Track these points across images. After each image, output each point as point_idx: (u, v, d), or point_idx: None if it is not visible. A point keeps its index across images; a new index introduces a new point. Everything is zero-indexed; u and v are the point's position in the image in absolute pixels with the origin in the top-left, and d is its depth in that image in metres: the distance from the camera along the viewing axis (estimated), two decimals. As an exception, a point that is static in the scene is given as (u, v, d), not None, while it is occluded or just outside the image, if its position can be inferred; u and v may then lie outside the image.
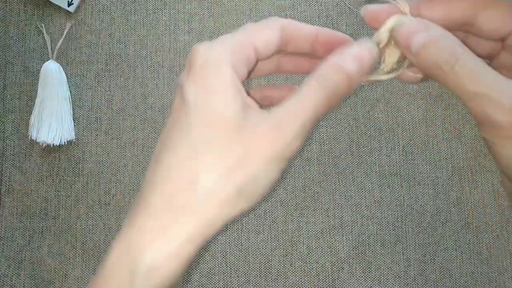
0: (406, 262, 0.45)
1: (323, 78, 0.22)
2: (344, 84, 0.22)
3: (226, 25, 0.47)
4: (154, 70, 0.46)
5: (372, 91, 0.47)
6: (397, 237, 0.45)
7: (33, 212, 0.44)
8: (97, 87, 0.46)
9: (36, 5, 0.47)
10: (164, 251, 0.20)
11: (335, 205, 0.45)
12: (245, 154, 0.20)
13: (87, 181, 0.45)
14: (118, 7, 0.47)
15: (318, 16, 0.48)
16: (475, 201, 0.46)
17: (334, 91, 0.22)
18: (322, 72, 0.22)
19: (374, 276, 0.44)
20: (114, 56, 0.46)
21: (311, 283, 0.44)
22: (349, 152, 0.46)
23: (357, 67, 0.22)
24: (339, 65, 0.22)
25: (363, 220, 0.45)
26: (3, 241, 0.44)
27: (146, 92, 0.46)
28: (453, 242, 0.45)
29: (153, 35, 0.47)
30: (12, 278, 0.43)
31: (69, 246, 0.44)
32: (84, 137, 0.45)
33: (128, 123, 0.46)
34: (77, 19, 0.47)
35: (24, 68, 0.46)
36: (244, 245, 0.44)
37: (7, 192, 0.44)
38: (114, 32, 0.47)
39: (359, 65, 0.22)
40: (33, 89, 0.45)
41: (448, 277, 0.45)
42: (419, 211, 0.45)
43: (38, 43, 0.46)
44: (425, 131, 0.46)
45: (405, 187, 0.46)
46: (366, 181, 0.46)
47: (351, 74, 0.21)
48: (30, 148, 0.45)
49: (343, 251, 0.45)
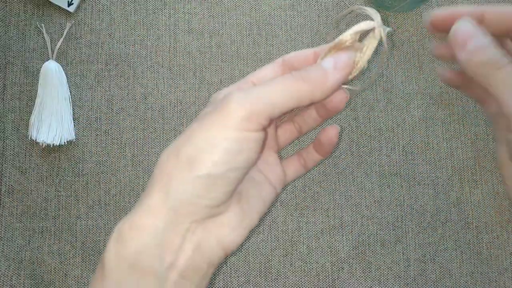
0: (406, 262, 0.45)
1: (299, 71, 0.24)
2: (319, 79, 0.23)
3: (226, 25, 0.47)
4: (154, 70, 0.46)
5: (372, 91, 0.47)
6: (397, 237, 0.45)
7: (33, 212, 0.44)
8: (97, 87, 0.46)
9: (36, 5, 0.47)
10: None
11: (335, 205, 0.45)
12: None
13: (87, 181, 0.45)
14: (118, 7, 0.47)
15: (318, 16, 0.48)
16: (475, 201, 0.46)
17: (306, 83, 0.23)
18: (303, 69, 0.24)
19: (374, 276, 0.44)
20: (114, 56, 0.46)
21: (311, 283, 0.44)
22: (349, 152, 0.46)
23: (332, 63, 0.24)
24: (318, 63, 0.24)
25: (363, 220, 0.45)
26: (3, 241, 0.44)
27: (146, 92, 0.46)
28: (453, 242, 0.45)
29: (153, 35, 0.47)
30: (12, 278, 0.43)
31: (69, 246, 0.44)
32: (84, 137, 0.45)
33: (128, 123, 0.46)
34: (77, 19, 0.47)
35: (24, 68, 0.46)
36: (244, 245, 0.44)
37: (7, 192, 0.44)
38: (114, 32, 0.47)
39: (335, 62, 0.24)
40: (33, 89, 0.45)
41: (448, 277, 0.45)
42: (419, 211, 0.45)
43: (38, 43, 0.46)
44: (425, 131, 0.46)
45: (405, 187, 0.46)
46: (366, 181, 0.46)
47: (327, 69, 0.24)
48: (30, 148, 0.45)
49: (343, 251, 0.45)
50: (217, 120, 0.23)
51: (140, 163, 0.45)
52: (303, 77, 0.23)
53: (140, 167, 0.45)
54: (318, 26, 0.47)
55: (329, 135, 0.29)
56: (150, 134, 0.46)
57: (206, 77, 0.46)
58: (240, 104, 0.23)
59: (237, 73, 0.47)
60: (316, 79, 0.23)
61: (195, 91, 0.46)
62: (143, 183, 0.45)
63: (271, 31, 0.47)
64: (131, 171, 0.45)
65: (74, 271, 0.44)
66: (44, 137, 0.43)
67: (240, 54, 0.47)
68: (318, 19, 0.48)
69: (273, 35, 0.47)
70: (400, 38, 0.48)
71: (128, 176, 0.45)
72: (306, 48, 0.28)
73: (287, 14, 0.47)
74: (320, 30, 0.47)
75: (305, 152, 0.32)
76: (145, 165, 0.45)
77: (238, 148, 0.23)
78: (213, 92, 0.46)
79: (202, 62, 0.47)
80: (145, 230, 0.23)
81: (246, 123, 0.23)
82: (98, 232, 0.44)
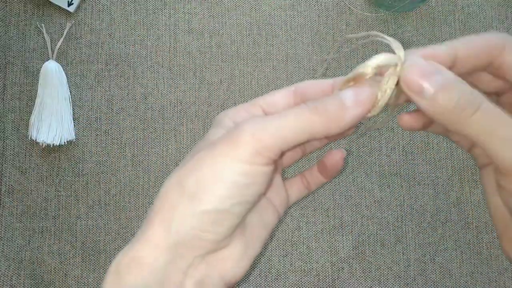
0: (406, 262, 0.45)
1: (314, 101, 0.22)
2: (336, 113, 0.21)
3: (226, 25, 0.47)
4: (154, 70, 0.46)
5: (372, 91, 0.47)
6: (397, 237, 0.45)
7: (33, 212, 0.44)
8: (97, 87, 0.46)
9: (36, 5, 0.47)
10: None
11: (335, 205, 0.45)
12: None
13: (87, 181, 0.45)
14: (118, 7, 0.47)
15: (318, 16, 0.48)
16: (475, 201, 0.46)
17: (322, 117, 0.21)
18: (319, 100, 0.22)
19: (374, 276, 0.44)
20: (114, 56, 0.46)
21: (311, 283, 0.44)
22: (349, 152, 0.46)
23: (353, 97, 0.21)
24: (335, 93, 0.21)
25: (363, 220, 0.45)
26: (3, 241, 0.44)
27: (146, 92, 0.46)
28: (453, 242, 0.45)
29: (153, 35, 0.47)
30: (12, 278, 0.43)
31: (69, 246, 0.44)
32: (84, 137, 0.45)
33: (128, 123, 0.46)
34: (77, 19, 0.47)
35: (24, 68, 0.46)
36: (244, 245, 0.44)
37: (7, 192, 0.44)
38: (114, 32, 0.47)
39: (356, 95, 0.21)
40: (33, 89, 0.45)
41: (448, 277, 0.45)
42: (419, 211, 0.45)
43: (38, 43, 0.46)
44: (425, 131, 0.46)
45: (405, 187, 0.46)
46: (366, 181, 0.46)
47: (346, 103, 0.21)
48: (30, 148, 0.45)
49: (343, 251, 0.45)
50: (227, 152, 0.22)
51: (140, 163, 0.45)
52: (319, 110, 0.21)
53: (140, 167, 0.45)
54: (318, 26, 0.47)
55: (335, 159, 0.28)
56: (150, 134, 0.46)
57: (206, 77, 0.46)
58: (252, 137, 0.21)
59: (237, 73, 0.47)
60: (333, 113, 0.21)
61: (195, 91, 0.46)
62: (143, 183, 0.45)
63: (271, 31, 0.47)
64: (131, 171, 0.45)
65: (74, 271, 0.44)
66: (44, 137, 0.43)
67: (240, 54, 0.47)
68: (318, 19, 0.48)
69: (273, 35, 0.47)
70: (400, 38, 0.48)
71: (128, 176, 0.45)
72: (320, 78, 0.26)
73: (287, 14, 0.47)
74: (320, 30, 0.47)
75: (309, 173, 0.30)
76: (145, 165, 0.45)
77: (246, 182, 0.22)
78: (213, 92, 0.46)
79: (202, 62, 0.47)
80: (145, 266, 0.22)
81: (257, 157, 0.22)
82: (98, 232, 0.44)
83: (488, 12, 0.48)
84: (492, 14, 0.48)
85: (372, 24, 0.48)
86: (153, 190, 0.45)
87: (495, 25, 0.48)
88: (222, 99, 0.46)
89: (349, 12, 0.48)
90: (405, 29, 0.48)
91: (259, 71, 0.47)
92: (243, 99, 0.46)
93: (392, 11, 0.47)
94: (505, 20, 0.48)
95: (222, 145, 0.22)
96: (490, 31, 0.21)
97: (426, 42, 0.48)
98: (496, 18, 0.48)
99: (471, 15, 0.48)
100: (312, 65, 0.47)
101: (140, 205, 0.45)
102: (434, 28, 0.48)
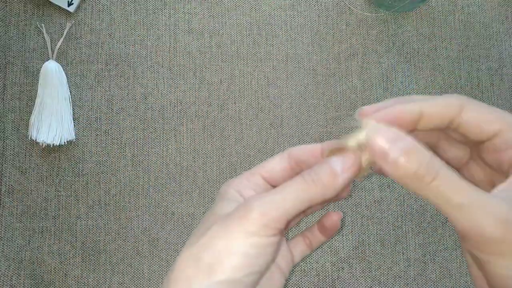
0: (406, 262, 0.45)
1: (308, 172, 0.25)
2: (330, 181, 0.24)
3: (226, 25, 0.47)
4: (154, 70, 0.46)
5: (372, 91, 0.47)
6: (397, 237, 0.45)
7: (33, 212, 0.44)
8: (97, 87, 0.46)
9: (36, 5, 0.47)
10: None
11: (335, 205, 0.45)
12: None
13: (87, 181, 0.45)
14: (118, 7, 0.47)
15: (318, 16, 0.48)
16: (475, 201, 0.46)
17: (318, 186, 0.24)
18: (310, 169, 0.25)
19: (374, 276, 0.44)
20: (114, 56, 0.46)
21: (311, 283, 0.44)
22: (349, 152, 0.46)
23: (341, 165, 0.24)
24: (326, 161, 0.25)
25: (363, 220, 0.45)
26: (3, 241, 0.44)
27: (146, 92, 0.46)
28: (453, 242, 0.45)
29: (153, 35, 0.47)
30: (12, 278, 0.43)
31: (69, 246, 0.44)
32: (84, 137, 0.45)
33: (128, 123, 0.46)
34: (77, 19, 0.47)
35: (24, 68, 0.46)
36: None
37: (7, 192, 0.44)
38: (114, 32, 0.47)
39: (343, 163, 0.24)
40: (33, 89, 0.45)
41: (448, 277, 0.45)
42: (419, 211, 0.45)
43: (38, 43, 0.46)
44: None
45: (405, 187, 0.46)
46: (366, 181, 0.46)
47: (336, 171, 0.24)
48: (30, 148, 0.45)
49: (343, 251, 0.45)
50: (238, 227, 0.24)
51: (140, 163, 0.45)
52: (314, 181, 0.24)
53: (140, 167, 0.45)
54: (318, 26, 0.47)
55: (333, 220, 0.30)
56: (150, 134, 0.46)
57: (206, 77, 0.46)
58: (261, 212, 0.24)
59: (237, 73, 0.47)
60: (327, 181, 0.24)
61: (195, 91, 0.46)
62: (143, 183, 0.45)
63: (271, 31, 0.47)
64: (131, 171, 0.45)
65: (74, 271, 0.44)
66: (44, 137, 0.43)
67: (240, 54, 0.47)
68: (318, 19, 0.48)
69: (273, 35, 0.47)
70: (400, 38, 0.48)
71: (128, 176, 0.45)
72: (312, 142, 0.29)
73: (287, 14, 0.47)
74: (320, 30, 0.47)
75: (310, 232, 0.32)
76: (145, 165, 0.45)
77: (256, 252, 0.24)
78: (213, 92, 0.46)
79: (202, 62, 0.47)
80: None
81: (265, 229, 0.24)
82: (98, 232, 0.44)
83: (488, 12, 0.48)
84: (492, 14, 0.48)
85: (372, 24, 0.48)
86: (153, 190, 0.45)
87: (495, 25, 0.48)
88: (222, 99, 0.46)
89: (349, 12, 0.48)
90: (405, 29, 0.48)
91: (259, 71, 0.47)
92: (243, 99, 0.46)
93: (392, 11, 0.47)
94: (505, 20, 0.48)
95: (234, 220, 0.25)
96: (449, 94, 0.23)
97: (426, 42, 0.48)
98: (496, 18, 0.48)
99: (471, 15, 0.48)
100: (312, 65, 0.47)
101: (140, 205, 0.45)
102: (434, 28, 0.48)
